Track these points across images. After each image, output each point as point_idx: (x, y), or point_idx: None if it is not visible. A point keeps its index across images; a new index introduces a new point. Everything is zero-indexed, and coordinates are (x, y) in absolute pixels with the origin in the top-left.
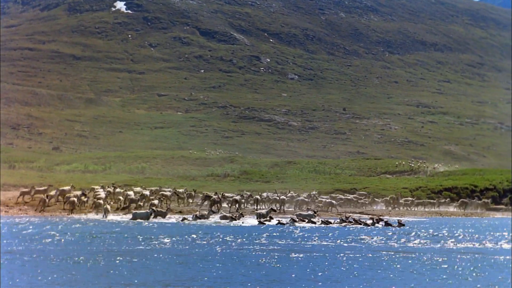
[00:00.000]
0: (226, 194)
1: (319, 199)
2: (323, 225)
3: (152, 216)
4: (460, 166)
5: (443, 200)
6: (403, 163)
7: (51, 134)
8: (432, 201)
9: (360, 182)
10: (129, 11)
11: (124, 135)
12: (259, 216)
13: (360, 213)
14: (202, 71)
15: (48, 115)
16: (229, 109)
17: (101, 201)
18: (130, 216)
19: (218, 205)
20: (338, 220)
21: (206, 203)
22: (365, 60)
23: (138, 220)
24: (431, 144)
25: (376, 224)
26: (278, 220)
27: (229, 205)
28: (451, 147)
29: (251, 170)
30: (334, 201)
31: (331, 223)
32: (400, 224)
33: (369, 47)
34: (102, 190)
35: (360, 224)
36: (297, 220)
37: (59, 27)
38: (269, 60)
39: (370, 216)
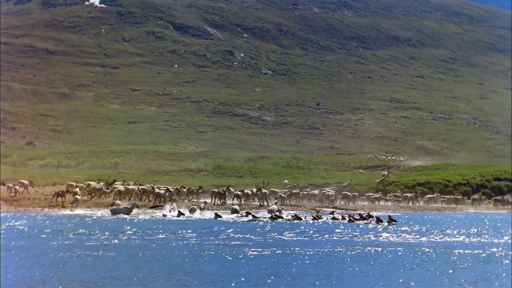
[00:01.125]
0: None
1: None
2: (315, 221)
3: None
4: (433, 161)
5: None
6: (373, 156)
7: (25, 129)
8: (409, 195)
9: (333, 177)
10: (103, 5)
11: (97, 129)
12: (270, 211)
13: (333, 207)
14: (176, 65)
15: (22, 110)
16: (202, 104)
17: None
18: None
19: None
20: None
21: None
22: (338, 55)
23: (118, 215)
24: (404, 139)
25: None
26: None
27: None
28: (424, 142)
29: (225, 165)
30: (349, 193)
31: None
32: (391, 219)
33: (342, 42)
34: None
35: (352, 220)
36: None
37: (32, 21)
38: (242, 55)
39: (358, 212)
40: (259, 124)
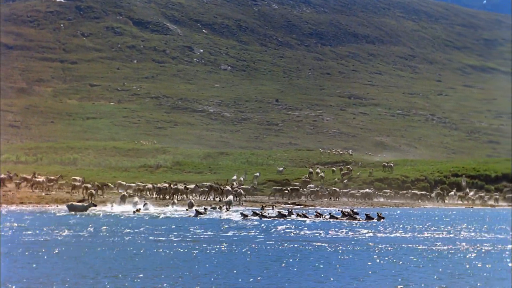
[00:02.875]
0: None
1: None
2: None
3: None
4: (392, 157)
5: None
6: (329, 152)
7: None
8: (368, 191)
9: (292, 173)
10: (62, 0)
11: (56, 125)
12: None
13: (292, 203)
14: (135, 61)
15: None
16: (162, 99)
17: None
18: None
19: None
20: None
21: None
22: (297, 51)
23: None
24: (362, 135)
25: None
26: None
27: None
28: (382, 138)
29: (184, 161)
30: (370, 190)
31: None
32: (380, 217)
33: (301, 38)
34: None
35: (337, 218)
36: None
37: None
38: (202, 50)
39: (341, 210)
40: (219, 120)
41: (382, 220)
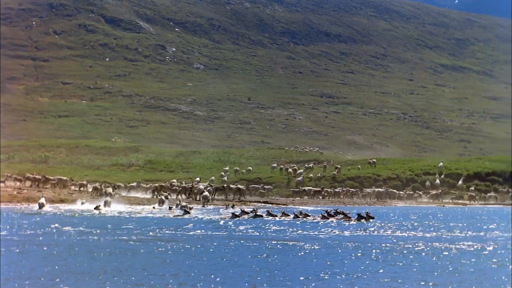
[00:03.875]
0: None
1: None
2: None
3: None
4: (364, 156)
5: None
6: (299, 150)
7: None
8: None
9: (264, 171)
10: None
11: (28, 123)
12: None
13: (264, 202)
14: (107, 59)
15: None
16: (134, 98)
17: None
18: None
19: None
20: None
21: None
22: (270, 50)
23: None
24: (334, 134)
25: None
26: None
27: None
28: (354, 137)
29: (156, 160)
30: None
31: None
32: (369, 216)
33: (274, 37)
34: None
35: (328, 218)
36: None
37: None
38: (174, 49)
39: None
40: (191, 119)
41: (371, 220)
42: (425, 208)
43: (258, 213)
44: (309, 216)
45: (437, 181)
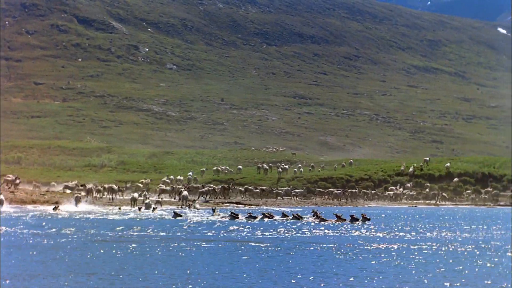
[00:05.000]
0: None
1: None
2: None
3: None
4: (336, 157)
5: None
6: (274, 150)
7: None
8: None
9: (237, 172)
10: None
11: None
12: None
13: (236, 203)
14: (80, 59)
15: None
16: (107, 98)
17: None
18: None
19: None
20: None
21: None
22: (242, 51)
23: None
24: (307, 134)
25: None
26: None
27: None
28: (327, 138)
29: (129, 161)
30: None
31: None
32: (365, 218)
33: (247, 38)
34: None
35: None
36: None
37: None
38: (147, 49)
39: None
40: (164, 119)
41: (367, 221)
42: (398, 209)
43: (252, 215)
44: (303, 218)
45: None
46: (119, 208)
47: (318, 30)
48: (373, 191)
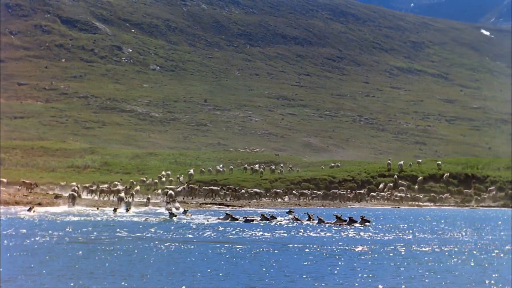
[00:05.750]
0: None
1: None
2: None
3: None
4: (319, 158)
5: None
6: (255, 152)
7: None
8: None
9: (220, 173)
10: None
11: None
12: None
13: (220, 204)
14: (63, 60)
15: None
16: (90, 99)
17: None
18: None
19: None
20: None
21: None
22: (226, 52)
23: None
24: (291, 136)
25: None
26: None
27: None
28: (310, 139)
29: (112, 162)
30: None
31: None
32: (364, 220)
33: (230, 39)
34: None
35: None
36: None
37: None
38: (130, 50)
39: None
40: (147, 120)
41: (367, 223)
42: (382, 210)
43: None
44: (302, 220)
45: (382, 184)
46: (97, 208)
47: (302, 31)
48: (373, 193)
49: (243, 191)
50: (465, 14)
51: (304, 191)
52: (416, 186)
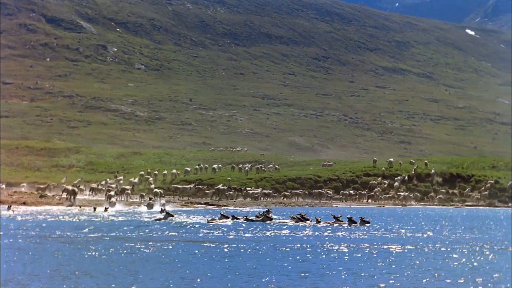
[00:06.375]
0: None
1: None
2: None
3: None
4: (305, 157)
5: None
6: (239, 149)
7: None
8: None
9: (206, 173)
10: None
11: None
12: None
13: (205, 203)
14: (48, 59)
15: None
16: (75, 98)
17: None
18: None
19: None
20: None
21: None
22: (211, 51)
23: None
24: (276, 135)
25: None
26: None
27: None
28: (295, 138)
29: (97, 161)
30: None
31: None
32: (364, 221)
33: (215, 38)
34: None
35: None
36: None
37: None
38: (116, 49)
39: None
40: (132, 120)
41: (366, 224)
42: (368, 209)
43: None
44: (308, 220)
45: (375, 182)
46: (80, 207)
47: (287, 31)
48: (370, 194)
49: (250, 190)
50: (450, 14)
51: (297, 191)
52: (396, 185)
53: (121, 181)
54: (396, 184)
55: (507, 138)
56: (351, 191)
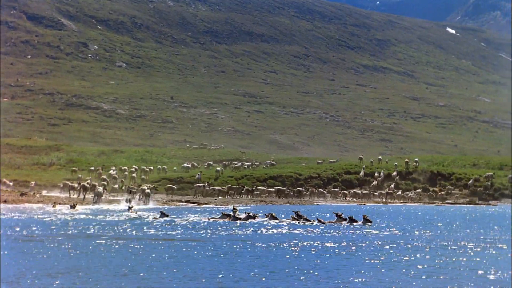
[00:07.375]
0: None
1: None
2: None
3: None
4: (285, 155)
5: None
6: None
7: None
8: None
9: (187, 170)
10: None
11: None
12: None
13: (186, 201)
14: (29, 56)
15: None
16: (56, 96)
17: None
18: None
19: None
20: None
21: None
22: (192, 49)
23: None
24: (257, 133)
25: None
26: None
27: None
28: (276, 136)
29: (78, 159)
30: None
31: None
32: (366, 220)
33: (196, 36)
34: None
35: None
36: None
37: None
38: (96, 47)
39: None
40: (113, 117)
41: (368, 223)
42: (351, 207)
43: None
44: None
45: (355, 181)
46: (53, 206)
47: (268, 28)
48: (345, 191)
49: (263, 188)
50: (430, 13)
51: (281, 188)
52: (379, 182)
53: (114, 177)
54: (392, 185)
55: (487, 136)
56: (358, 191)
